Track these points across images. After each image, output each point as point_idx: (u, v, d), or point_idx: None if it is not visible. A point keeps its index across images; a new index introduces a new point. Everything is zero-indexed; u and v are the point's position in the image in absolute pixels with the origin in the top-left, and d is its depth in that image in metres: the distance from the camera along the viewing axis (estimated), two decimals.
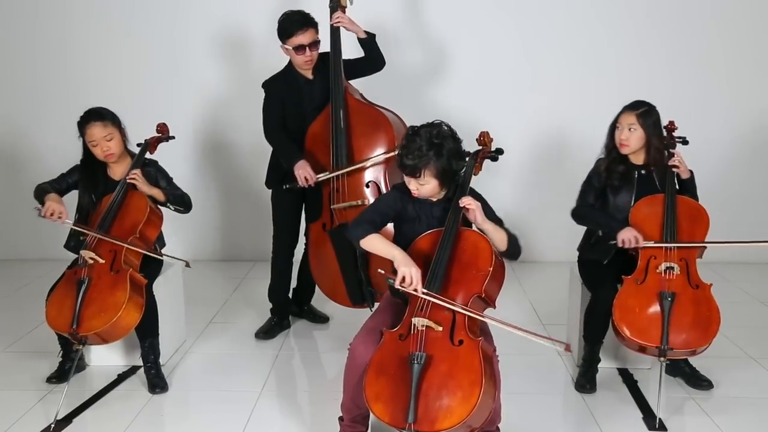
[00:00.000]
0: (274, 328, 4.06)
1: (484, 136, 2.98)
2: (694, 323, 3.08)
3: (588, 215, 3.43)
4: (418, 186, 2.66)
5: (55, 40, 5.34)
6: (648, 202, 3.32)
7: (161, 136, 3.73)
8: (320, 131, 3.74)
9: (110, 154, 3.44)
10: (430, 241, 2.67)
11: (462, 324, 2.49)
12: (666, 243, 3.21)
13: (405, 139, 2.66)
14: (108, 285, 3.20)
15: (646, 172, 3.40)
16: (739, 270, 5.07)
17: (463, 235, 2.67)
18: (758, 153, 5.30)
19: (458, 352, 2.43)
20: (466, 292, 2.56)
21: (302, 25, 3.64)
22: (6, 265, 5.46)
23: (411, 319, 2.50)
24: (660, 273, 3.17)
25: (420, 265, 2.58)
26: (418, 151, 2.59)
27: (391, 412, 2.37)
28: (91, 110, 3.47)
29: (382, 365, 2.47)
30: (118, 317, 3.12)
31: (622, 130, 3.34)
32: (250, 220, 5.39)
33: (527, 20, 5.20)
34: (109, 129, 3.43)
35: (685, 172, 3.37)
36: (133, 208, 3.42)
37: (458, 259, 2.63)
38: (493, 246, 2.65)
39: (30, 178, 5.35)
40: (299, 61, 3.72)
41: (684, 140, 3.50)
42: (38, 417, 3.09)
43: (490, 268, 2.58)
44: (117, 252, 3.29)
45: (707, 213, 3.29)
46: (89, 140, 3.42)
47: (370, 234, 2.66)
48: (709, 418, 3.07)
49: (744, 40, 5.19)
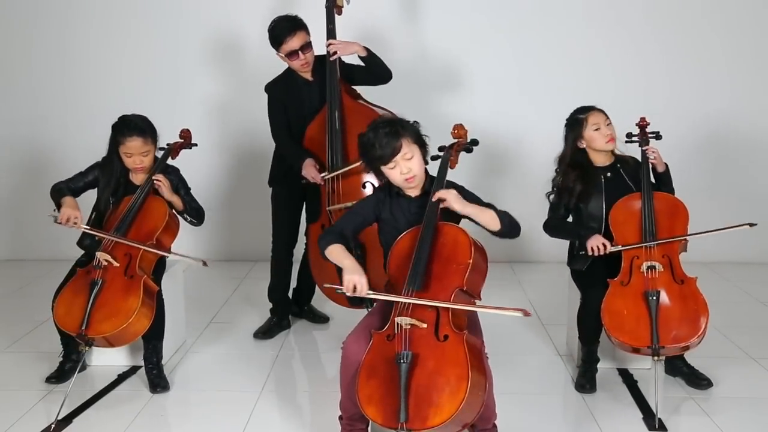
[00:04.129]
0: (273, 328, 4.06)
1: (458, 128, 2.98)
2: (683, 318, 3.08)
3: (557, 227, 3.45)
4: (408, 164, 2.65)
5: (53, 44, 5.34)
6: (625, 203, 3.31)
7: (184, 143, 3.72)
8: (316, 133, 3.74)
9: (141, 168, 3.41)
10: (410, 239, 2.67)
11: (446, 319, 2.49)
12: (638, 244, 3.21)
13: (364, 141, 2.67)
14: (121, 289, 3.18)
15: (613, 173, 3.40)
16: (739, 270, 5.07)
17: (442, 230, 2.66)
18: (757, 151, 5.32)
19: (444, 348, 2.43)
20: (448, 286, 2.55)
21: (290, 30, 3.63)
22: (6, 265, 5.46)
23: (395, 319, 2.51)
24: (643, 272, 3.17)
25: (404, 264, 2.60)
26: (379, 135, 2.62)
27: (384, 413, 2.37)
28: (133, 122, 3.39)
29: (373, 367, 2.47)
30: (128, 323, 3.11)
31: (603, 127, 3.33)
32: (250, 220, 5.38)
33: (527, 19, 5.21)
34: (148, 146, 3.39)
35: (661, 164, 3.38)
36: (153, 213, 3.38)
37: (438, 254, 2.62)
38: (477, 236, 2.65)
39: (29, 178, 5.41)
40: (295, 66, 3.72)
41: (657, 135, 3.49)
42: (38, 417, 3.09)
43: (470, 260, 2.57)
44: (132, 256, 3.27)
45: (685, 206, 3.29)
46: (125, 151, 3.37)
47: (331, 245, 2.71)
48: (709, 418, 3.06)
49: (743, 39, 5.21)
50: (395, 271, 2.67)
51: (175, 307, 3.83)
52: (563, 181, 3.43)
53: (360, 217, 2.83)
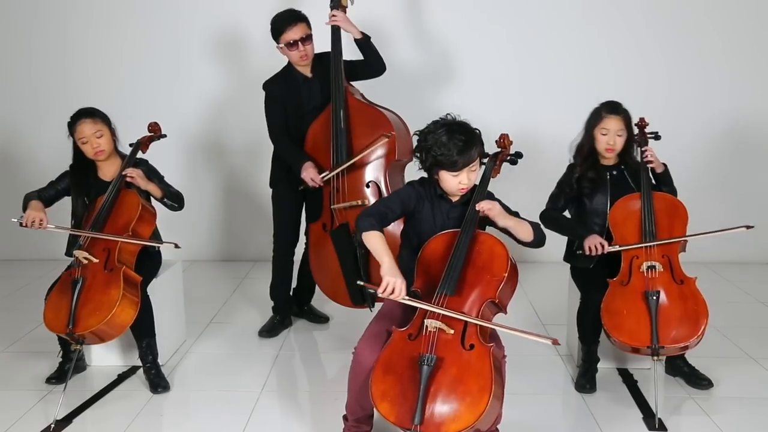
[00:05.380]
0: (277, 327, 4.07)
1: (504, 138, 2.96)
2: (682, 318, 3.08)
3: (554, 220, 3.41)
4: (470, 176, 2.61)
5: (52, 42, 5.34)
6: (625, 203, 3.31)
7: (153, 135, 3.73)
8: (320, 132, 3.74)
9: (100, 151, 3.43)
10: (445, 241, 2.64)
11: (474, 329, 2.47)
12: (637, 244, 3.21)
13: (432, 139, 2.57)
14: (102, 283, 3.21)
15: (618, 172, 3.40)
16: (739, 270, 5.07)
17: (479, 238, 2.63)
18: (757, 149, 5.32)
19: (469, 357, 2.42)
20: (480, 296, 2.54)
21: (291, 20, 3.66)
22: (6, 265, 5.46)
23: (422, 320, 2.49)
24: (643, 272, 3.17)
25: (436, 265, 2.58)
26: (456, 142, 2.53)
27: (398, 412, 2.36)
28: (81, 109, 3.48)
29: (390, 364, 2.45)
30: (112, 314, 3.13)
31: (610, 136, 3.33)
32: (250, 220, 5.39)
33: (525, 20, 5.21)
34: (99, 126, 3.43)
35: (658, 165, 3.38)
36: (126, 206, 3.41)
37: (473, 262, 2.59)
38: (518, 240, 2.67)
39: (28, 179, 5.37)
40: (295, 58, 3.72)
41: (656, 135, 3.49)
42: (38, 417, 3.09)
43: (505, 274, 2.55)
44: (111, 250, 3.29)
45: (684, 207, 3.30)
46: (79, 137, 3.42)
47: (374, 230, 2.61)
48: (709, 418, 3.06)
49: (743, 38, 5.20)
50: (425, 270, 2.62)
51: (175, 307, 3.84)
52: (569, 172, 3.42)
53: (403, 204, 2.72)
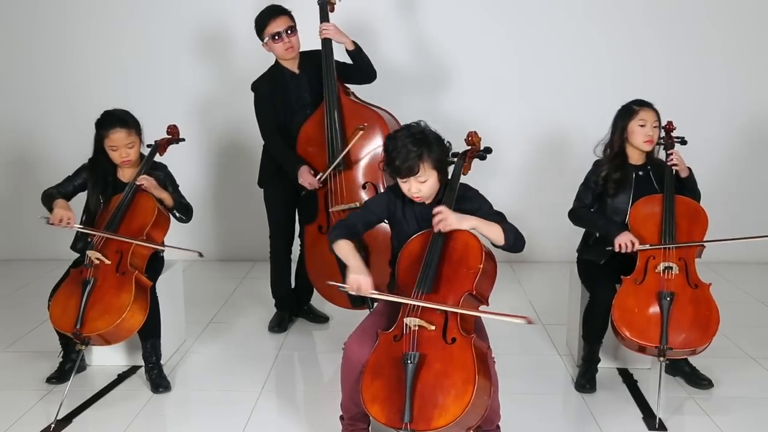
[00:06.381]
0: (285, 320, 4.10)
1: (472, 136, 2.99)
2: (694, 323, 3.09)
3: (585, 217, 3.43)
4: (419, 186, 2.64)
5: (53, 42, 5.34)
6: (646, 203, 3.31)
7: (171, 138, 3.72)
8: (313, 132, 3.74)
9: (128, 161, 3.41)
10: (420, 242, 2.68)
11: (455, 322, 2.50)
12: (663, 245, 3.21)
13: (386, 146, 2.66)
14: (113, 286, 3.19)
15: (644, 172, 3.40)
16: (739, 270, 5.07)
17: (452, 234, 2.67)
18: (756, 151, 5.31)
19: (451, 350, 2.44)
20: (458, 290, 2.56)
21: (273, 14, 3.70)
22: (6, 265, 5.46)
23: (404, 320, 2.52)
24: (659, 273, 3.17)
25: (413, 266, 2.61)
26: (404, 150, 2.58)
27: (388, 413, 2.38)
28: (116, 114, 3.40)
29: (378, 367, 2.48)
30: (122, 319, 3.12)
31: (648, 127, 3.32)
32: (250, 220, 5.37)
33: (524, 20, 5.20)
34: (133, 138, 3.39)
35: (684, 170, 3.38)
36: (142, 209, 3.38)
37: (449, 258, 2.63)
38: (486, 242, 2.64)
39: (30, 178, 5.41)
40: (280, 51, 3.73)
41: (682, 140, 3.50)
42: (38, 417, 3.09)
43: (480, 266, 2.58)
44: (123, 253, 3.27)
45: (706, 213, 3.29)
46: (110, 144, 3.37)
47: (341, 240, 2.71)
48: (709, 418, 3.07)
49: (742, 37, 5.20)
50: (404, 273, 2.67)
51: (175, 307, 3.83)
52: (595, 168, 3.42)
53: (373, 215, 2.84)
